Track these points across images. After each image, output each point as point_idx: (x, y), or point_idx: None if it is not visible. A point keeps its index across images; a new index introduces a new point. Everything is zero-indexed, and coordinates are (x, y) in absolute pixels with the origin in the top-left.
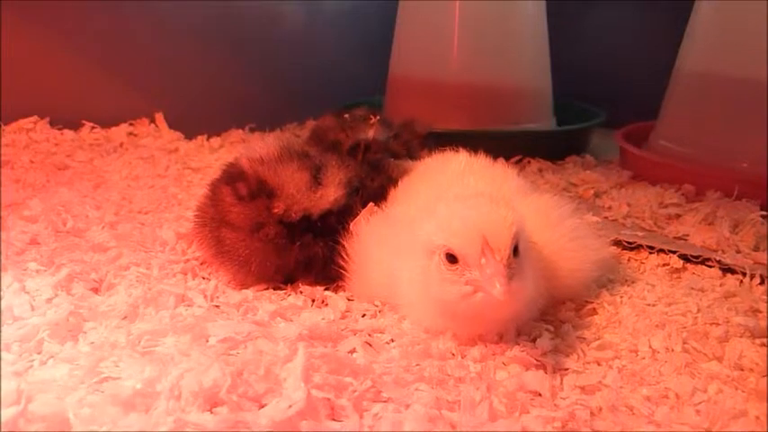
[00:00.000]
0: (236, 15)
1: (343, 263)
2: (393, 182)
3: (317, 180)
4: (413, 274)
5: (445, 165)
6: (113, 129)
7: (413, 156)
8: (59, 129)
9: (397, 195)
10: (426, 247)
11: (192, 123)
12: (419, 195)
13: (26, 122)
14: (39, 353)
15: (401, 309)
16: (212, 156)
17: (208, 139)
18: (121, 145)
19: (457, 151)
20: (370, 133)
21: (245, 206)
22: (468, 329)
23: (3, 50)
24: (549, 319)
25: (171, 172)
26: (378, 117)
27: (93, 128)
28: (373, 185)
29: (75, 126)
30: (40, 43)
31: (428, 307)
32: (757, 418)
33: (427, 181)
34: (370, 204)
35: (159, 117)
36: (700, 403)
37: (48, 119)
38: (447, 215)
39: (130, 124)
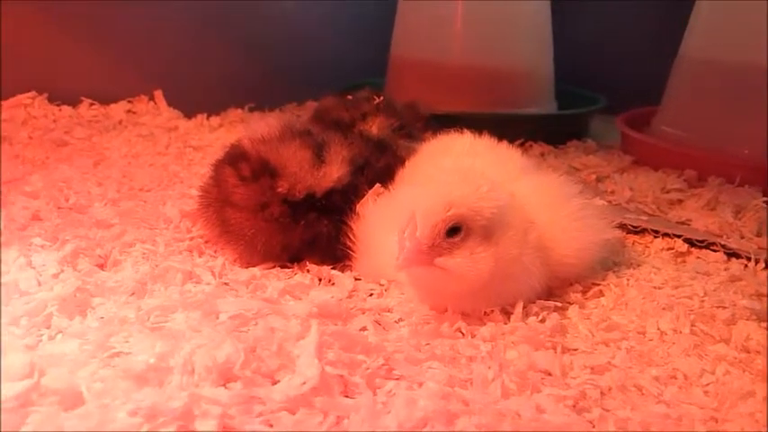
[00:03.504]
0: None
1: (349, 243)
2: (401, 161)
3: (319, 158)
4: None
5: (450, 145)
6: (112, 106)
7: (416, 138)
8: (58, 105)
9: (404, 176)
10: None
11: (191, 102)
12: (424, 176)
13: (24, 98)
14: (47, 327)
15: (404, 288)
16: (212, 135)
17: (207, 118)
18: (120, 122)
19: (462, 132)
20: (374, 129)
21: (248, 186)
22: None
23: (1, 26)
24: (557, 301)
25: (171, 150)
26: (381, 98)
27: (91, 104)
28: (378, 165)
29: (74, 102)
30: (38, 19)
31: (420, 279)
32: (765, 399)
33: (433, 161)
34: (377, 185)
35: (158, 95)
36: (708, 384)
37: (46, 95)
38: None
39: (129, 101)
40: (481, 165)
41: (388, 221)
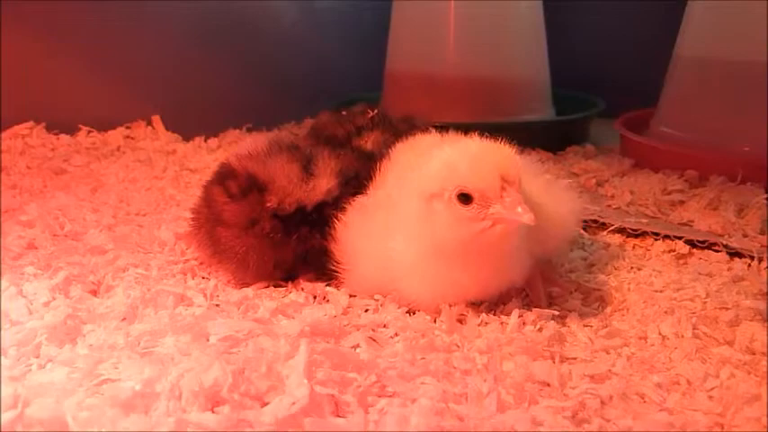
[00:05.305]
0: (231, 15)
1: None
2: None
3: (308, 171)
4: (409, 234)
5: (418, 143)
6: (110, 132)
7: None
8: (56, 134)
9: (376, 182)
10: (428, 192)
11: (189, 125)
12: (396, 177)
13: (22, 128)
14: (37, 357)
15: (398, 291)
16: (210, 156)
17: (205, 140)
18: (118, 148)
19: (428, 132)
20: (369, 144)
21: (237, 203)
22: (474, 273)
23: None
24: (555, 308)
25: (168, 173)
26: (376, 111)
27: (89, 132)
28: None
29: (72, 130)
30: (34, 48)
31: (429, 265)
32: None
33: (401, 162)
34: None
35: (156, 119)
36: (712, 389)
37: (44, 124)
38: (453, 157)
39: (127, 127)
40: None
41: (365, 230)
